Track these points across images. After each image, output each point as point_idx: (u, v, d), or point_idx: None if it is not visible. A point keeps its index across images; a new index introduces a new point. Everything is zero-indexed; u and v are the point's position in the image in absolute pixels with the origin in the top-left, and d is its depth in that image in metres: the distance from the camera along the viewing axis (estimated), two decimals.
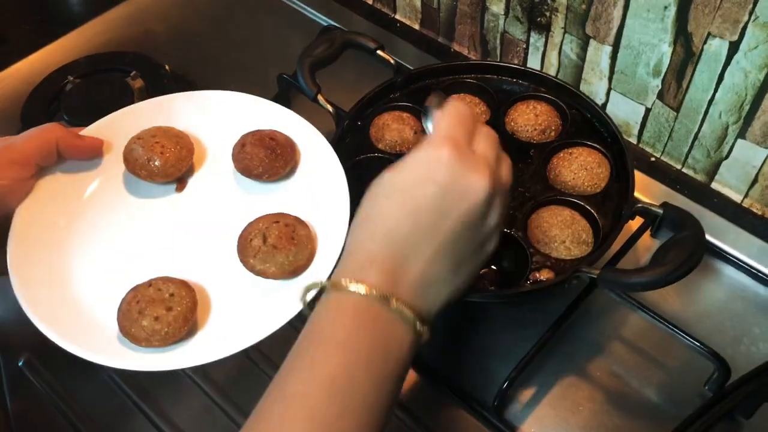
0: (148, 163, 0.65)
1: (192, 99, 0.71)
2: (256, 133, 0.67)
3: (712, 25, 0.70)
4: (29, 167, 0.62)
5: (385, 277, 0.46)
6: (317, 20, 1.03)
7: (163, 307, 0.56)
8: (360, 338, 0.45)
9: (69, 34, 1.03)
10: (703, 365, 0.66)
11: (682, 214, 0.67)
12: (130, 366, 0.55)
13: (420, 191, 0.48)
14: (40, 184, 0.63)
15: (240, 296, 0.61)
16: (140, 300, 0.57)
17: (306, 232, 0.61)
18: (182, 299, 0.57)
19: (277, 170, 0.66)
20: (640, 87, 0.81)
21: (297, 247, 0.59)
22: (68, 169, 0.65)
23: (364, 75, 0.84)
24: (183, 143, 0.67)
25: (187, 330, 0.57)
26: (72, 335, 0.56)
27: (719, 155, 0.80)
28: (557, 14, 0.83)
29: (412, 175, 0.49)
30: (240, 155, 0.66)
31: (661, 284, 0.61)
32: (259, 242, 0.59)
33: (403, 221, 0.48)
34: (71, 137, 0.64)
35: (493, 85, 0.81)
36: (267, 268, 0.59)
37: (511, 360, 0.66)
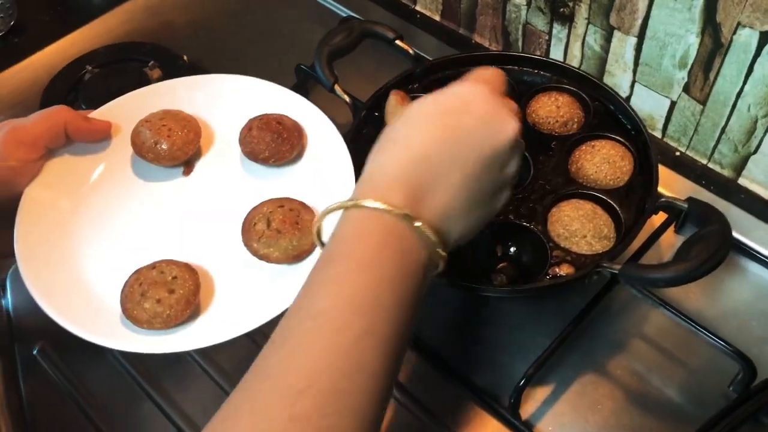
0: (155, 146, 0.65)
1: (200, 83, 0.71)
2: (264, 117, 0.67)
3: (742, 14, 0.68)
4: (37, 149, 0.62)
5: (411, 199, 0.46)
6: (336, 11, 1.03)
7: (165, 290, 0.56)
8: (384, 257, 0.44)
9: (88, 25, 1.03)
10: (727, 365, 0.65)
11: (707, 209, 0.65)
12: (132, 348, 0.55)
13: (455, 120, 0.49)
14: (48, 166, 0.63)
15: (243, 280, 0.60)
16: (143, 282, 0.57)
17: (311, 217, 0.61)
18: (185, 282, 0.57)
19: (284, 154, 0.65)
20: (666, 79, 0.79)
21: (301, 232, 0.59)
22: (76, 152, 0.65)
23: (382, 65, 0.83)
24: (191, 126, 0.67)
25: (189, 313, 0.57)
26: (75, 316, 0.56)
27: (747, 150, 0.78)
28: (581, 5, 0.81)
29: (448, 105, 0.50)
30: (247, 139, 0.66)
31: (685, 280, 0.59)
32: (263, 226, 0.59)
33: (436, 147, 0.48)
34: (79, 120, 0.64)
35: (514, 76, 0.79)
36: (270, 252, 0.59)
37: (529, 356, 0.65)
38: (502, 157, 0.50)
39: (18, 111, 0.93)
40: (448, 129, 0.49)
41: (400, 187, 0.46)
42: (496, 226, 0.68)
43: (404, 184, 0.47)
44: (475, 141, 0.49)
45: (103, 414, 0.68)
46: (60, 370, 0.70)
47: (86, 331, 0.55)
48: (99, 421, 0.67)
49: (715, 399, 0.65)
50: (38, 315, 0.67)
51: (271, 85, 0.70)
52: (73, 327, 0.55)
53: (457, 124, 0.49)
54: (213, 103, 0.70)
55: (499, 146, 0.49)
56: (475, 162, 0.48)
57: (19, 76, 0.97)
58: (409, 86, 0.79)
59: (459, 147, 0.48)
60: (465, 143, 0.48)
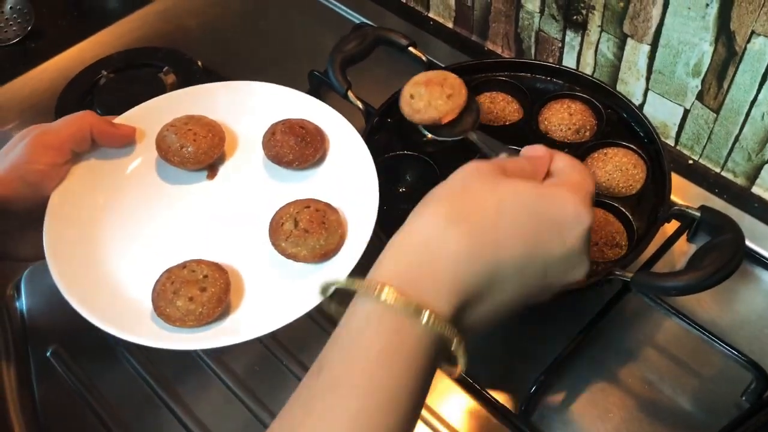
0: (180, 150, 0.66)
1: (222, 89, 0.72)
2: (286, 121, 0.68)
3: (756, 23, 0.68)
4: (64, 153, 0.62)
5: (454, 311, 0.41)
6: (350, 17, 1.03)
7: (197, 288, 0.57)
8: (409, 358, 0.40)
9: (104, 30, 1.05)
10: (740, 375, 0.64)
11: (720, 217, 0.65)
12: (165, 345, 0.56)
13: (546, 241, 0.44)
14: (75, 170, 0.64)
15: (271, 279, 0.61)
16: (174, 281, 0.58)
17: (336, 217, 0.62)
18: (216, 280, 0.58)
19: (307, 157, 0.66)
20: (679, 87, 0.79)
21: (328, 231, 0.60)
22: (101, 156, 0.66)
23: (395, 72, 0.83)
24: (215, 131, 0.68)
25: (220, 311, 0.57)
26: (107, 314, 0.57)
27: (761, 158, 0.77)
28: (594, 12, 0.81)
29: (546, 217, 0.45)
30: (270, 143, 0.67)
31: (698, 289, 0.59)
32: (291, 226, 0.60)
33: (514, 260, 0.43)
34: (105, 124, 0.65)
35: (527, 83, 0.80)
36: (298, 251, 0.60)
37: (540, 363, 0.64)
38: (560, 286, 0.47)
39: (34, 115, 0.94)
40: (532, 245, 0.44)
41: (456, 293, 0.42)
42: None
43: (461, 290, 0.42)
44: (550, 271, 0.45)
45: (115, 417, 0.68)
46: (73, 373, 0.71)
47: (119, 329, 0.56)
48: (112, 423, 0.68)
49: (728, 408, 0.65)
50: (52, 317, 0.68)
51: (292, 90, 0.71)
52: (106, 325, 0.56)
53: (544, 244, 0.44)
54: (234, 108, 0.71)
55: (568, 282, 0.47)
56: (534, 287, 0.45)
57: (35, 81, 0.98)
58: None
59: (532, 269, 0.44)
60: (539, 268, 0.44)
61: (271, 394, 0.68)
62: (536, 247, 0.44)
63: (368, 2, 1.05)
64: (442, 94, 0.66)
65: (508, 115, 0.78)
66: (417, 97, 0.67)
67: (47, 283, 0.75)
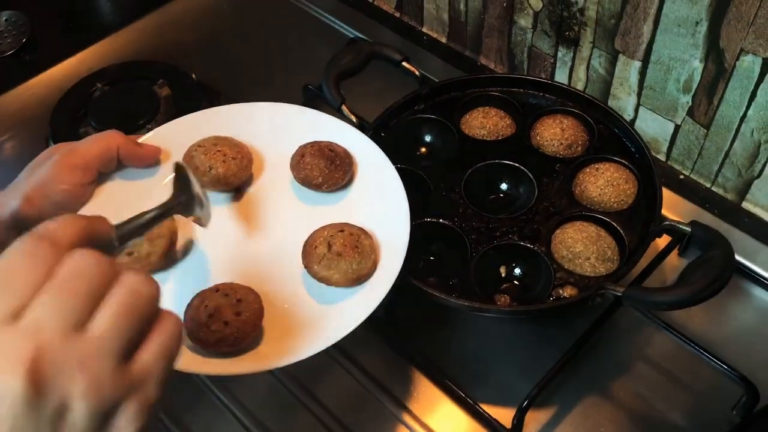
0: (209, 171, 0.65)
1: (247, 110, 0.71)
2: (315, 144, 0.67)
3: (745, 41, 0.68)
4: (90, 173, 0.62)
5: None
6: (344, 32, 1.04)
7: (232, 312, 0.56)
8: None
9: (99, 43, 1.05)
10: (730, 389, 0.65)
11: (711, 233, 0.65)
12: (201, 370, 0.55)
13: None
14: (100, 190, 0.63)
15: (303, 302, 0.61)
16: (208, 305, 0.56)
17: (369, 242, 0.61)
18: (250, 305, 0.57)
19: (336, 180, 0.66)
20: (670, 103, 0.80)
21: (361, 255, 0.60)
22: (127, 176, 0.65)
23: (389, 87, 0.84)
24: (243, 153, 0.67)
25: (255, 335, 0.57)
26: None
27: (751, 174, 0.78)
28: (586, 29, 0.82)
29: None
30: (300, 165, 0.66)
31: (688, 304, 0.59)
32: (324, 249, 0.60)
33: None
34: (132, 144, 0.64)
35: (520, 98, 0.80)
36: (331, 274, 0.59)
37: (532, 378, 0.64)
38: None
39: (28, 128, 0.94)
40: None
41: None
42: (500, 247, 0.69)
43: None
44: None
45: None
46: None
47: None
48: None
49: (719, 423, 0.65)
50: None
51: (318, 112, 0.71)
52: None
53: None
54: (260, 130, 0.70)
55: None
56: None
57: (30, 93, 0.99)
58: (415, 107, 0.80)
59: None
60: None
61: (282, 427, 0.68)
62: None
63: (363, 17, 1.05)
64: None
65: (500, 130, 0.78)
66: None
67: None
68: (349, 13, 1.06)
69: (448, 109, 0.80)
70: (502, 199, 0.75)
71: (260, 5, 1.10)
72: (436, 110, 0.80)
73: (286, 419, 0.68)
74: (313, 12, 1.08)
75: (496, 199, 0.75)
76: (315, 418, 0.68)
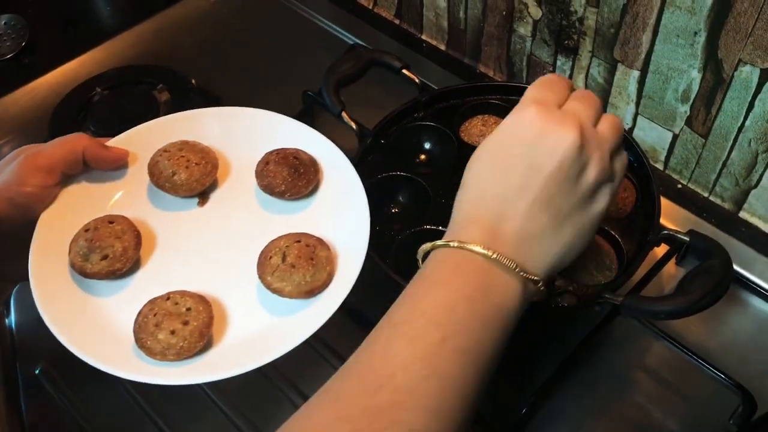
0: (172, 177, 0.65)
1: (218, 115, 0.71)
2: (281, 151, 0.67)
3: (743, 51, 0.69)
4: (55, 175, 0.62)
5: (485, 234, 0.48)
6: (344, 38, 1.04)
7: (179, 321, 0.56)
8: (459, 280, 0.47)
9: (98, 47, 1.05)
10: (728, 398, 0.65)
11: (709, 242, 0.65)
12: (143, 378, 0.55)
13: (507, 151, 0.50)
14: (65, 193, 0.64)
15: (256, 314, 0.60)
16: (157, 313, 0.57)
17: (326, 253, 0.61)
18: (199, 314, 0.57)
19: (300, 189, 0.66)
20: (668, 113, 0.80)
21: (315, 267, 0.59)
22: (93, 179, 0.66)
23: (388, 94, 0.84)
24: (208, 158, 0.67)
25: (202, 345, 0.57)
26: (88, 345, 0.56)
27: (748, 184, 0.78)
28: (585, 38, 0.82)
29: (499, 138, 0.51)
30: (263, 172, 0.66)
31: (686, 313, 0.59)
32: (278, 260, 0.59)
33: (494, 181, 0.50)
34: (97, 147, 0.64)
35: None
36: (284, 286, 0.59)
37: (530, 386, 0.65)
38: (568, 169, 0.49)
39: (27, 131, 0.94)
40: (504, 161, 0.50)
41: (474, 225, 0.49)
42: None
43: (477, 221, 0.50)
44: (533, 165, 0.49)
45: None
46: (62, 392, 0.70)
47: (98, 360, 0.55)
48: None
49: None
50: (41, 335, 0.67)
51: (288, 119, 0.71)
52: (87, 357, 0.55)
53: (509, 154, 0.50)
54: (230, 135, 0.70)
55: (561, 160, 0.49)
56: (539, 185, 0.49)
57: (28, 97, 0.98)
58: (414, 114, 0.81)
59: (517, 176, 0.49)
60: (522, 170, 0.49)
61: (267, 420, 0.67)
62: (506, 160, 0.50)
63: (363, 24, 1.06)
64: None
65: None
66: None
67: None
68: (349, 20, 1.06)
69: (447, 117, 0.80)
70: None
71: (260, 11, 1.11)
72: (435, 118, 0.80)
73: (272, 413, 0.68)
74: (313, 18, 1.08)
75: None
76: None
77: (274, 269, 0.59)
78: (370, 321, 0.62)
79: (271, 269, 0.59)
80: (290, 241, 0.60)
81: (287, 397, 0.68)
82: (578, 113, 0.51)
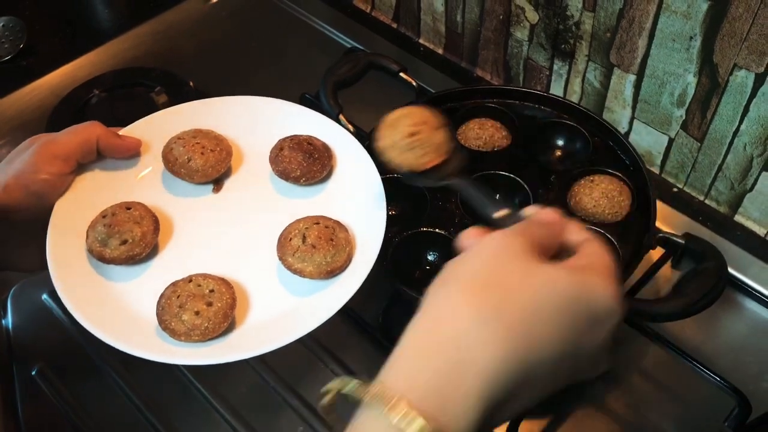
0: (188, 163, 0.65)
1: (230, 103, 0.72)
2: (294, 137, 0.68)
3: (738, 56, 0.69)
4: (70, 163, 0.62)
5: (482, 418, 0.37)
6: (342, 42, 1.04)
7: (203, 302, 0.56)
8: None
9: (97, 49, 1.05)
10: (723, 400, 0.65)
11: (704, 245, 0.66)
12: (169, 359, 0.55)
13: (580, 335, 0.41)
14: (79, 181, 0.64)
15: (277, 295, 0.61)
16: (180, 295, 0.57)
17: (345, 235, 0.61)
18: (222, 295, 0.57)
19: (314, 174, 0.66)
20: (664, 117, 0.81)
21: (335, 248, 0.60)
22: (107, 167, 0.66)
23: (386, 96, 0.84)
24: (222, 145, 0.68)
25: (226, 326, 0.57)
26: (111, 328, 0.56)
27: (743, 187, 0.79)
28: (581, 42, 0.83)
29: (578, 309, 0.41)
30: (278, 158, 0.67)
31: (682, 316, 0.60)
32: (299, 241, 0.60)
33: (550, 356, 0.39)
34: (111, 136, 0.65)
35: (515, 110, 0.81)
36: (305, 266, 0.59)
37: None
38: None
39: (25, 133, 0.93)
40: (570, 344, 0.40)
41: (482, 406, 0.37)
42: None
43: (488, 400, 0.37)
44: (577, 368, 0.42)
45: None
46: (59, 393, 0.70)
47: (124, 342, 0.55)
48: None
49: None
50: (38, 335, 0.67)
51: (299, 107, 0.72)
52: (110, 339, 0.55)
53: (579, 343, 0.41)
54: (242, 123, 0.71)
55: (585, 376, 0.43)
56: (563, 382, 0.42)
57: (26, 99, 0.99)
58: None
59: (563, 368, 0.41)
60: (569, 367, 0.41)
61: (264, 424, 0.68)
62: (572, 344, 0.40)
63: (360, 27, 1.06)
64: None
65: (496, 142, 0.79)
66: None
67: (34, 300, 0.75)
68: (347, 23, 1.07)
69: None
70: None
71: (258, 14, 1.11)
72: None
73: (270, 417, 0.68)
74: (311, 21, 1.08)
75: None
76: (301, 418, 0.68)
77: (295, 250, 0.60)
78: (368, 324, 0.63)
79: (291, 250, 0.60)
80: (309, 223, 0.61)
81: (286, 401, 0.69)
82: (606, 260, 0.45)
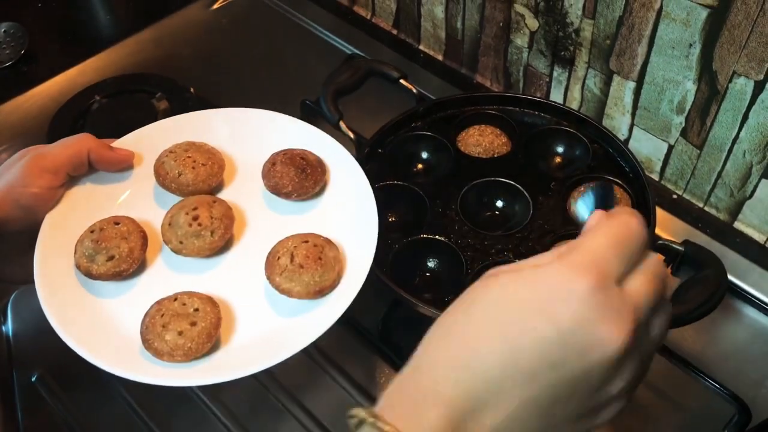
0: (178, 177, 0.65)
1: (223, 116, 0.71)
2: (287, 152, 0.67)
3: (737, 63, 0.70)
4: (60, 176, 0.62)
5: (452, 422, 0.36)
6: (342, 48, 1.05)
7: (187, 322, 0.55)
8: None
9: (97, 55, 1.05)
10: (722, 408, 0.65)
11: (703, 252, 0.66)
12: (150, 380, 0.54)
13: (530, 325, 0.37)
14: (70, 194, 0.63)
15: (264, 315, 0.60)
16: (164, 313, 0.56)
17: (334, 253, 0.60)
18: (206, 315, 0.56)
19: (307, 190, 0.66)
20: (664, 124, 0.81)
21: (324, 267, 0.59)
22: (98, 180, 0.65)
23: (386, 103, 0.85)
24: (215, 159, 0.67)
25: (210, 346, 0.56)
26: (95, 347, 0.56)
27: (742, 194, 0.79)
28: (581, 49, 0.83)
29: (527, 299, 0.38)
30: (270, 173, 0.66)
31: (681, 323, 0.60)
32: (286, 261, 0.59)
33: (494, 357, 0.37)
34: (103, 148, 0.64)
35: (515, 116, 0.81)
36: (292, 287, 0.58)
37: None
38: (595, 379, 0.37)
39: (25, 139, 0.94)
40: (519, 336, 0.37)
41: (440, 404, 0.36)
42: (496, 263, 0.69)
43: (446, 400, 0.37)
44: (553, 359, 0.36)
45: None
46: (59, 400, 0.70)
47: (105, 362, 0.55)
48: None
49: None
50: (38, 342, 0.67)
51: (294, 120, 0.71)
52: (91, 357, 0.55)
53: (531, 331, 0.37)
54: (236, 136, 0.70)
55: (591, 367, 0.37)
56: (547, 384, 0.37)
57: (27, 105, 0.99)
58: (412, 124, 0.81)
59: (528, 363, 0.37)
60: (537, 359, 0.37)
61: (264, 431, 0.68)
62: (522, 334, 0.37)
63: (361, 34, 1.06)
64: None
65: (496, 148, 0.79)
66: None
67: (34, 306, 0.74)
68: (347, 30, 1.07)
69: (444, 127, 0.80)
70: (497, 217, 0.76)
71: (259, 21, 1.11)
72: (432, 128, 0.81)
73: (272, 426, 0.68)
74: (312, 28, 1.09)
75: (492, 216, 0.76)
76: (302, 426, 0.68)
77: (283, 270, 0.59)
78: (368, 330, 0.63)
79: (279, 270, 0.59)
80: (298, 242, 0.60)
81: (286, 407, 0.68)
82: (639, 303, 0.38)
